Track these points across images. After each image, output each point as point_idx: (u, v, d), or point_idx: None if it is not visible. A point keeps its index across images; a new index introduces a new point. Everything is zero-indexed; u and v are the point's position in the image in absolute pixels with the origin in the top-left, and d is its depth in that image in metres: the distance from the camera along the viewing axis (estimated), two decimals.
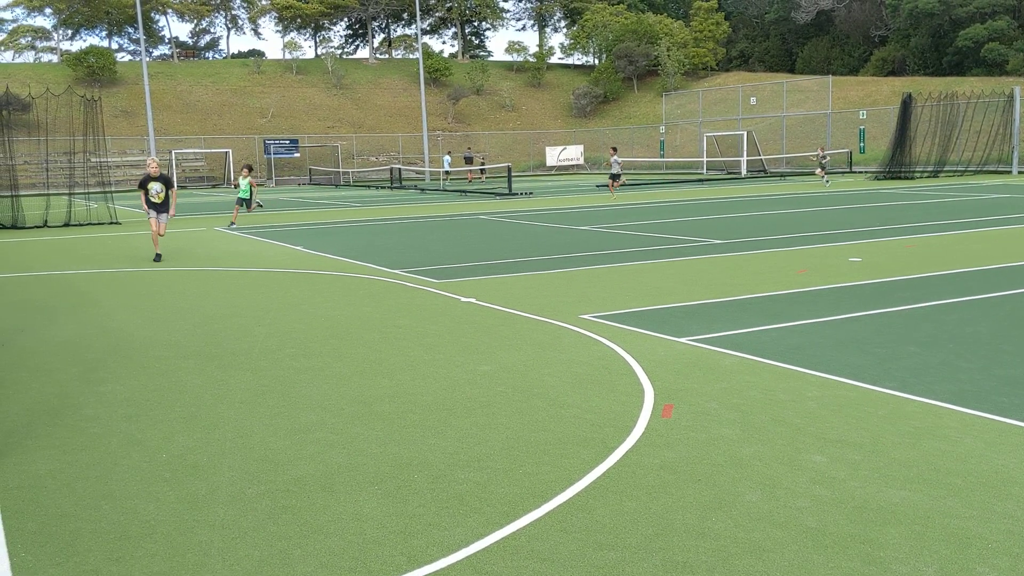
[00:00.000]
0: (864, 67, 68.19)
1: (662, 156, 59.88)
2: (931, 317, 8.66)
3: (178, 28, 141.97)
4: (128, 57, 78.58)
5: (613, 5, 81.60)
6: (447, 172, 49.94)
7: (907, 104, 38.37)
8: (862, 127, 50.80)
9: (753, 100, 59.77)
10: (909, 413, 5.65)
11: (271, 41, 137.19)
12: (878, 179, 38.11)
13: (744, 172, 48.43)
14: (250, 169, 22.40)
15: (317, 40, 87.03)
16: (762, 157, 51.20)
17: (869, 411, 5.71)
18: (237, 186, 22.79)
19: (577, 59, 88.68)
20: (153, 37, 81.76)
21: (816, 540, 3.91)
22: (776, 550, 3.83)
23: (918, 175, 38.21)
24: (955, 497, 4.34)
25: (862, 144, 50.09)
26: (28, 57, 76.40)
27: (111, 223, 24.52)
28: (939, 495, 4.36)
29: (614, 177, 32.13)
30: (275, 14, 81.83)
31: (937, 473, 4.65)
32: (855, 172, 45.53)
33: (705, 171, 52.76)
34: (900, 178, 37.62)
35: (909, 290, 10.24)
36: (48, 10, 75.79)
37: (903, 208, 22.26)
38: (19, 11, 76.05)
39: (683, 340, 7.92)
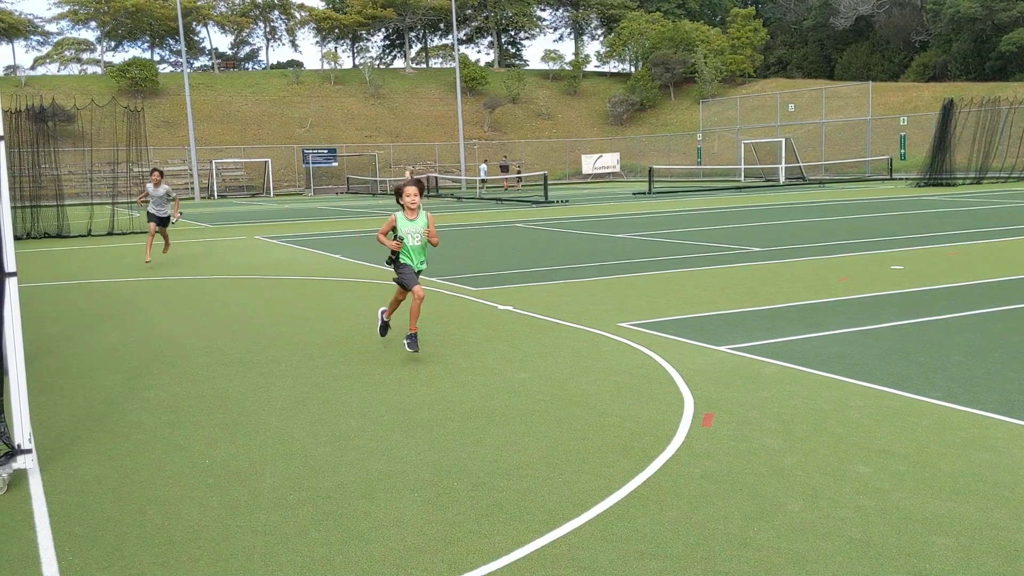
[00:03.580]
0: (904, 73, 67.47)
1: (699, 163, 59.60)
2: (976, 326, 8.52)
3: (218, 39, 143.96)
4: (169, 68, 79.89)
5: (649, 13, 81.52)
6: (483, 180, 50.09)
7: (948, 110, 37.84)
8: (903, 133, 50.20)
9: (791, 107, 59.31)
10: (955, 423, 5.56)
11: (309, 52, 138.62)
12: (919, 186, 37.62)
13: (782, 179, 48.05)
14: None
15: (355, 50, 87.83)
16: (800, 164, 50.77)
17: (914, 421, 5.63)
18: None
19: (613, 67, 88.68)
20: (194, 49, 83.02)
21: (861, 551, 3.86)
22: (820, 561, 3.78)
23: (960, 182, 37.66)
24: (1004, 508, 4.26)
25: (903, 151, 49.50)
26: (73, 69, 77.87)
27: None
28: (987, 506, 4.29)
29: None
30: (313, 25, 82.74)
31: (985, 484, 4.57)
32: (896, 179, 44.98)
33: (743, 178, 52.41)
34: (941, 185, 37.10)
35: (953, 298, 10.09)
36: (92, 23, 77.22)
37: (945, 215, 21.95)
38: (64, 24, 77.57)
39: (723, 348, 7.86)
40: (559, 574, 3.75)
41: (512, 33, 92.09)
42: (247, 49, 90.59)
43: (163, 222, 16.75)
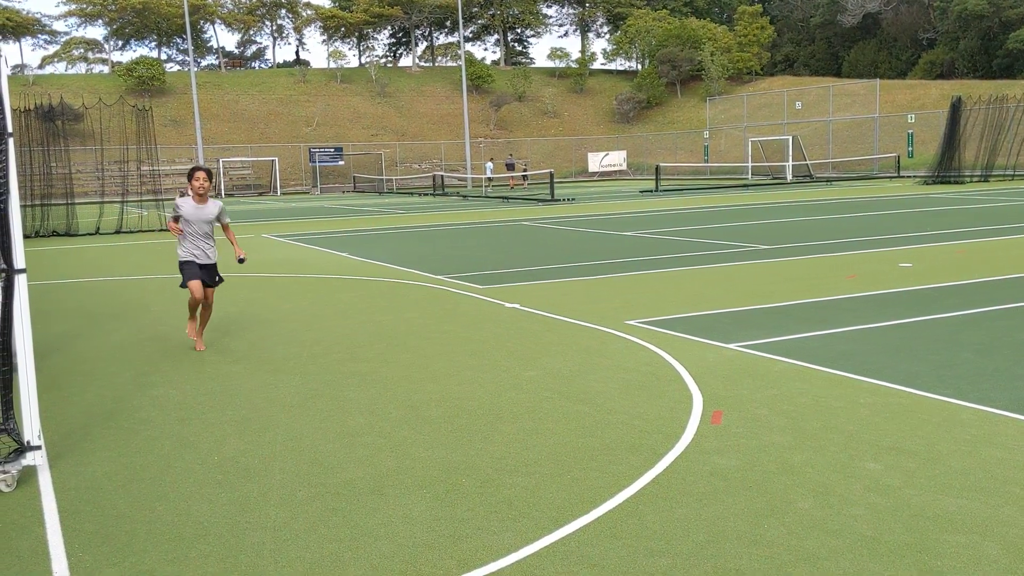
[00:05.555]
0: (912, 70, 67.28)
1: (706, 161, 59.50)
2: (985, 323, 8.49)
3: (225, 38, 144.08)
4: (176, 67, 79.98)
5: (656, 10, 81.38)
6: (489, 179, 50.07)
7: (956, 108, 37.72)
8: (910, 131, 50.05)
9: (798, 104, 59.17)
10: (965, 421, 5.55)
11: (316, 51, 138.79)
12: (927, 184, 37.51)
13: (789, 177, 47.94)
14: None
15: (361, 49, 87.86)
16: (808, 162, 50.65)
17: (924, 418, 5.62)
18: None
19: (620, 64, 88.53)
20: (201, 47, 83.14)
21: (872, 548, 3.85)
22: (831, 558, 3.77)
23: (968, 179, 37.55)
24: (1014, 506, 4.24)
25: (910, 148, 49.35)
26: (80, 68, 78.04)
27: (161, 230, 24.92)
28: (997, 504, 4.27)
29: None
30: (319, 23, 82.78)
31: (995, 481, 4.56)
32: (903, 177, 44.86)
33: (750, 176, 52.31)
34: (949, 182, 37.00)
35: (962, 296, 10.06)
36: (100, 22, 77.40)
37: (953, 213, 21.88)
38: (72, 21, 77.73)
39: (731, 346, 7.85)
40: (568, 571, 3.74)
41: (518, 31, 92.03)
42: (254, 48, 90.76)
43: (212, 275, 8.62)
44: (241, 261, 8.94)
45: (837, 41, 75.66)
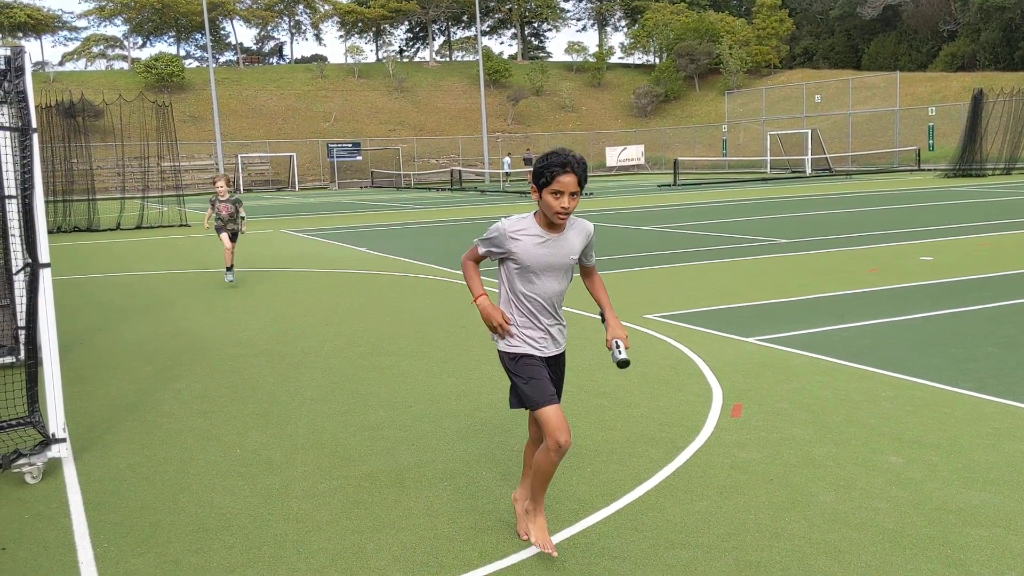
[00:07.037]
0: (933, 63, 66.71)
1: (725, 155, 59.25)
2: (1008, 317, 8.42)
3: (243, 34, 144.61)
4: (195, 64, 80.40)
5: (674, 3, 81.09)
6: (507, 174, 50.05)
7: (978, 100, 37.38)
8: (931, 124, 49.64)
9: (818, 98, 58.81)
10: (988, 414, 5.51)
11: (333, 46, 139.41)
12: (948, 177, 37.20)
13: (809, 171, 47.66)
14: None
15: (378, 44, 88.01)
16: (827, 155, 50.33)
17: (946, 412, 5.58)
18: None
19: (637, 58, 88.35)
20: (220, 43, 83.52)
21: (894, 542, 3.83)
22: (853, 551, 3.76)
23: (990, 172, 37.21)
24: None
25: (931, 141, 48.96)
26: (100, 65, 78.57)
27: (181, 225, 25.09)
28: (1022, 497, 4.24)
29: None
30: (337, 19, 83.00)
31: (1019, 475, 4.52)
32: (924, 170, 44.51)
33: (769, 170, 52.05)
34: (971, 176, 36.68)
35: (984, 290, 9.98)
36: (119, 19, 77.91)
37: (975, 206, 21.69)
38: (93, 18, 78.25)
39: (751, 340, 7.82)
40: (590, 563, 3.75)
41: (535, 25, 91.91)
42: (272, 43, 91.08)
43: (559, 379, 4.06)
44: (623, 364, 3.88)
45: (857, 33, 75.13)
